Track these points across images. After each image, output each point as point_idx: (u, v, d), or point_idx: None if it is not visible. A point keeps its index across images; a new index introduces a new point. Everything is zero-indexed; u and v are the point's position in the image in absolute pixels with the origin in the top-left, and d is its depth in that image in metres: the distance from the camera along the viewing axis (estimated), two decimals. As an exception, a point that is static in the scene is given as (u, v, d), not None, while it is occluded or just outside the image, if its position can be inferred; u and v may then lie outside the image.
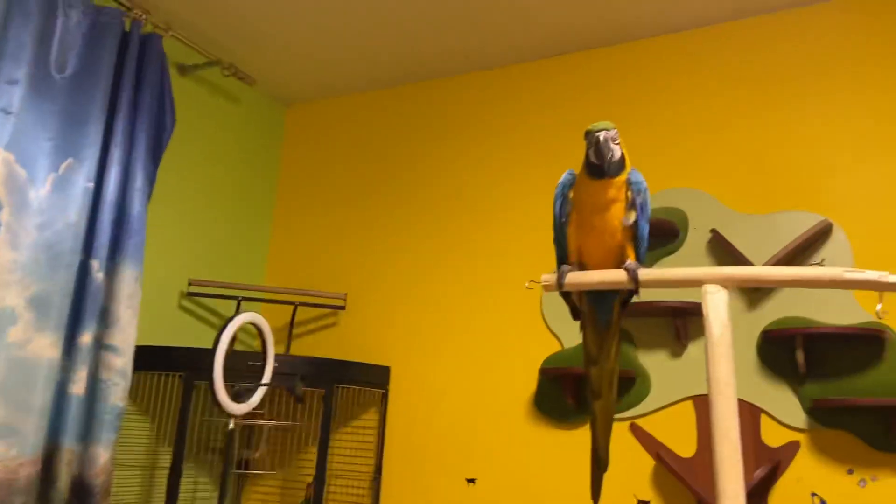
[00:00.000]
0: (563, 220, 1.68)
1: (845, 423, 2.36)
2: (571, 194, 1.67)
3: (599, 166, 1.58)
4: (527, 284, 1.71)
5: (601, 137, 1.55)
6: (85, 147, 2.50)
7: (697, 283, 1.49)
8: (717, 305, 1.42)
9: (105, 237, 2.52)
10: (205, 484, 3.06)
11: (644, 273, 1.56)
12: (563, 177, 1.69)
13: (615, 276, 1.58)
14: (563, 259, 1.72)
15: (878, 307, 1.44)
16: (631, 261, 1.61)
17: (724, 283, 1.46)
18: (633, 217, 1.61)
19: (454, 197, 3.25)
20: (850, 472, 2.33)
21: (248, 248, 3.53)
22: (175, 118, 2.82)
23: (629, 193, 1.61)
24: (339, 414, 3.08)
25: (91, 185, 2.50)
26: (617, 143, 1.58)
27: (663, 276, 1.60)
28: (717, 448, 1.32)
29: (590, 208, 1.64)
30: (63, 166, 2.45)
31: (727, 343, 1.39)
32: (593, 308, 1.72)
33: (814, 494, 2.36)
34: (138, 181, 2.64)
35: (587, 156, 1.60)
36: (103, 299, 2.51)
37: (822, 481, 2.35)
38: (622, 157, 1.60)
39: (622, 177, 1.60)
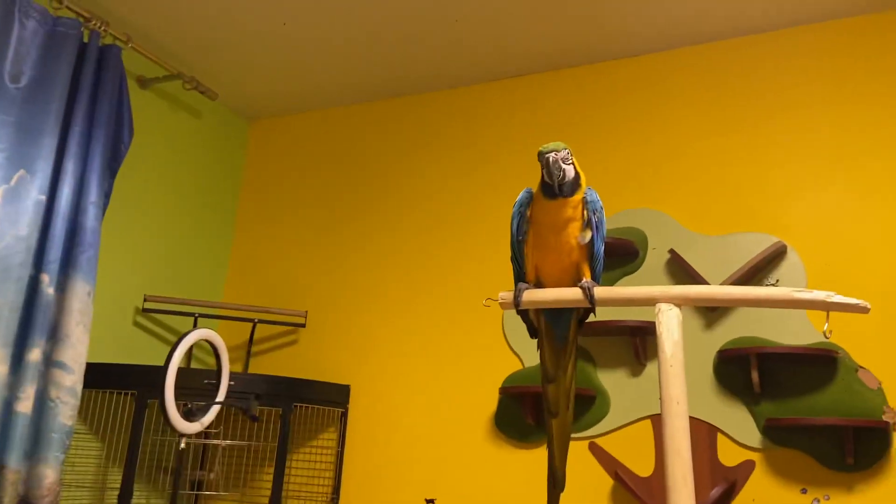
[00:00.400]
0: (521, 238, 1.69)
1: (799, 442, 2.38)
2: (529, 213, 1.68)
3: (552, 186, 1.59)
4: (484, 302, 1.71)
5: (551, 159, 1.57)
6: (38, 159, 2.44)
7: (652, 302, 1.51)
8: (670, 324, 1.44)
9: (56, 251, 2.45)
10: (157, 505, 2.98)
11: (599, 291, 1.58)
12: (521, 195, 1.70)
13: (571, 294, 1.60)
14: (520, 277, 1.72)
15: (825, 326, 1.47)
16: (587, 279, 1.62)
17: (678, 301, 1.48)
18: (588, 236, 1.63)
19: (415, 215, 3.24)
20: (804, 491, 2.36)
21: (208, 264, 3.48)
22: (133, 131, 2.77)
23: (585, 212, 1.62)
24: (296, 433, 3.04)
25: (43, 197, 2.44)
26: (569, 164, 1.60)
27: (618, 295, 1.62)
28: (669, 465, 1.32)
29: (546, 227, 1.65)
30: (14, 178, 2.39)
31: (679, 361, 1.41)
32: (550, 326, 1.73)
33: (768, 513, 2.38)
34: (93, 194, 2.58)
35: (542, 176, 1.61)
36: (53, 314, 2.45)
37: (777, 500, 2.37)
38: (576, 177, 1.62)
39: (578, 196, 1.62)
